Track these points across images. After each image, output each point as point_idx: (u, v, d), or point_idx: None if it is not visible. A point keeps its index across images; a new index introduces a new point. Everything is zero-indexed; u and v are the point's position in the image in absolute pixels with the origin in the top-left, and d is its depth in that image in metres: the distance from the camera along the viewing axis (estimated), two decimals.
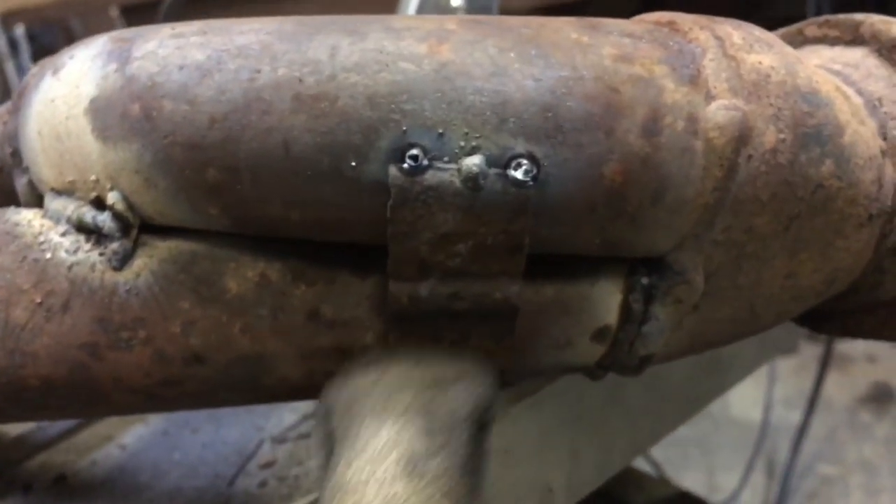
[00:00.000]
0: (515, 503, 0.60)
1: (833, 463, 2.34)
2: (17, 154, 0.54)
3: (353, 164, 0.43)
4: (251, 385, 0.50)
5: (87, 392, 0.49)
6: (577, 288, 0.49)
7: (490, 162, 0.43)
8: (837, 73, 0.54)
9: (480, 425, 0.44)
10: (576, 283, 0.49)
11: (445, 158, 0.43)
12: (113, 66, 0.46)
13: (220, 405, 0.53)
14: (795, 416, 2.07)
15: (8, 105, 0.59)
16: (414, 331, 0.48)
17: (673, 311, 0.50)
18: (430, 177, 0.42)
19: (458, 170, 0.42)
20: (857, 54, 0.56)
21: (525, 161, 0.43)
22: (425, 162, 0.42)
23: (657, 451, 1.77)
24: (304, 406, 0.78)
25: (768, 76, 0.47)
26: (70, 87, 0.48)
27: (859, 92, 0.53)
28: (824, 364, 1.90)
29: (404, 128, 0.42)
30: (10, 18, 2.30)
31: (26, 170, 0.53)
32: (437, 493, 0.40)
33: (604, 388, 0.64)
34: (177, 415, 0.78)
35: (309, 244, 0.47)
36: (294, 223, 0.45)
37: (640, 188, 0.44)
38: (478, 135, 0.43)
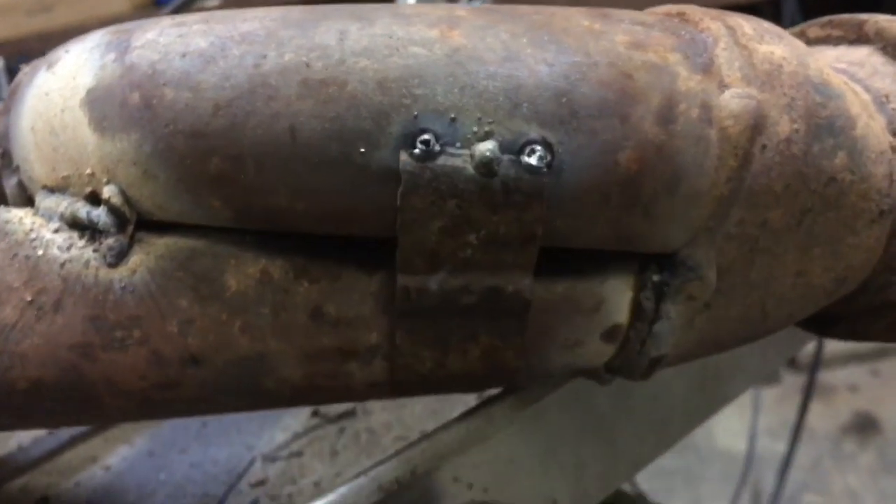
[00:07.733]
0: None
1: (818, 493, 2.34)
2: (6, 155, 0.52)
3: (363, 150, 0.41)
4: (251, 388, 0.48)
5: (79, 396, 0.47)
6: (587, 285, 0.48)
7: (503, 148, 0.41)
8: (843, 72, 0.54)
9: None
10: (586, 280, 0.48)
11: (458, 144, 0.41)
12: (111, 55, 0.45)
13: (217, 411, 0.51)
14: (780, 447, 2.07)
15: None
16: (420, 329, 0.46)
17: (685, 310, 0.49)
18: (443, 162, 0.41)
19: (471, 155, 0.41)
20: (861, 53, 0.55)
21: (539, 147, 0.41)
22: (437, 147, 0.41)
23: (643, 483, 1.75)
24: (296, 424, 0.76)
25: (780, 66, 0.46)
26: (66, 80, 0.46)
27: (866, 89, 0.52)
28: (807, 394, 1.89)
29: (415, 113, 0.41)
30: None
31: (16, 170, 0.51)
32: None
33: (610, 398, 0.62)
34: (163, 435, 0.76)
35: (312, 239, 0.45)
36: (299, 214, 0.43)
37: (655, 177, 0.43)
38: (491, 120, 0.41)
